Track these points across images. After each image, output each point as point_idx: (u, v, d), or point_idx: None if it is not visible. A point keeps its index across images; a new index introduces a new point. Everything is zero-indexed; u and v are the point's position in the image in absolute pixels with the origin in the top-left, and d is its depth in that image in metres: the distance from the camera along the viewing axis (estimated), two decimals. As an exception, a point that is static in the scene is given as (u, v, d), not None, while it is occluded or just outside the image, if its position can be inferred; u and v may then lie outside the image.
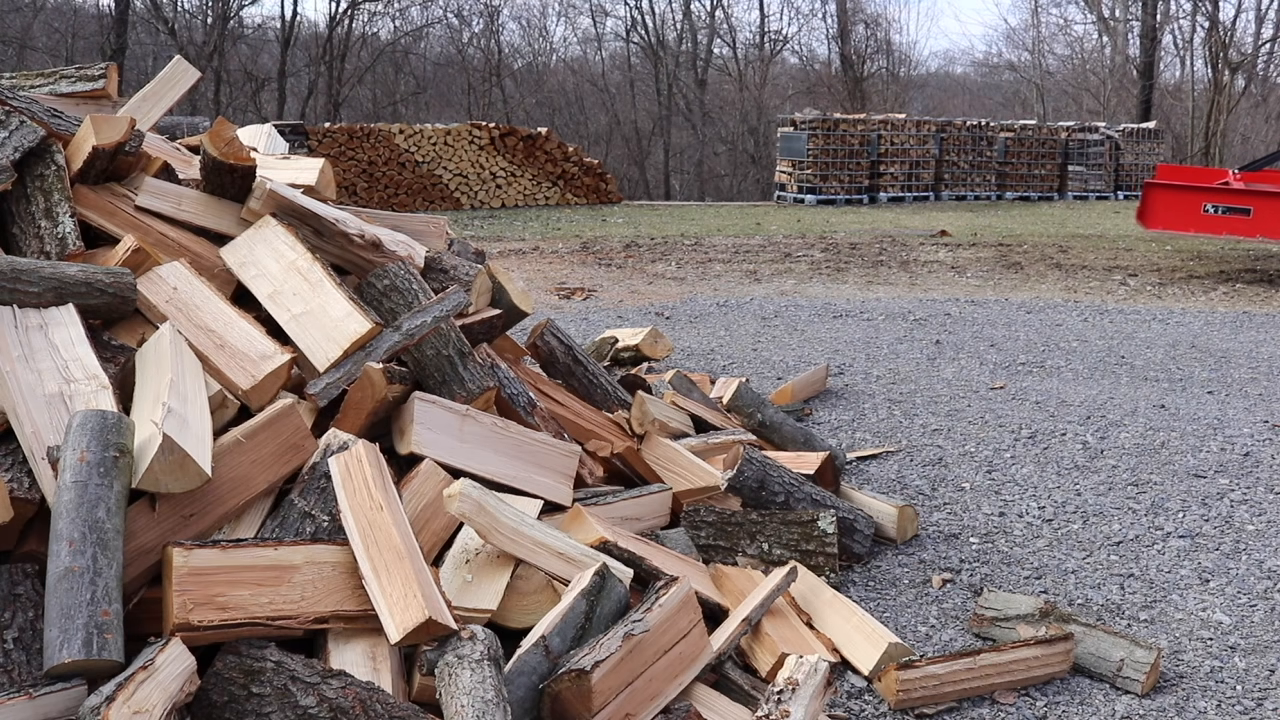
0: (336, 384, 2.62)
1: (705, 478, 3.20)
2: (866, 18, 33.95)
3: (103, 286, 2.53)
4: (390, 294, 2.96)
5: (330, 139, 16.83)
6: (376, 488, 2.20)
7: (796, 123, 19.68)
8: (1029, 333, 6.79)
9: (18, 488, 2.03)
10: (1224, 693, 2.46)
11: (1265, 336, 6.71)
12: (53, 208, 2.73)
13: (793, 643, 2.46)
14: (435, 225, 3.67)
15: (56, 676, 1.74)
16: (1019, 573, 3.13)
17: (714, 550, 2.95)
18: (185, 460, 2.04)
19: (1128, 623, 2.82)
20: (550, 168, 18.72)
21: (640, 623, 2.10)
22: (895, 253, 11.36)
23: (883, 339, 6.58)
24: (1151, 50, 30.26)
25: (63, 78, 3.47)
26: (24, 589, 1.96)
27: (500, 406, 3.02)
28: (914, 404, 4.97)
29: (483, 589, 2.28)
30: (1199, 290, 8.88)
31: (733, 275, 9.65)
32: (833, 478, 3.51)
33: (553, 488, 2.78)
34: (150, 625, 1.98)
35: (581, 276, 9.54)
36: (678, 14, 34.78)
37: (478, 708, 1.79)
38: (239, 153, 2.97)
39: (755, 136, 32.09)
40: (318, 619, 2.01)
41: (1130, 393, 5.17)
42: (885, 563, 3.18)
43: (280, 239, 2.92)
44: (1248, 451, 4.16)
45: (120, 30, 25.00)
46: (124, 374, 2.41)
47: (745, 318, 7.37)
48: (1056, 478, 3.92)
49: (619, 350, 5.05)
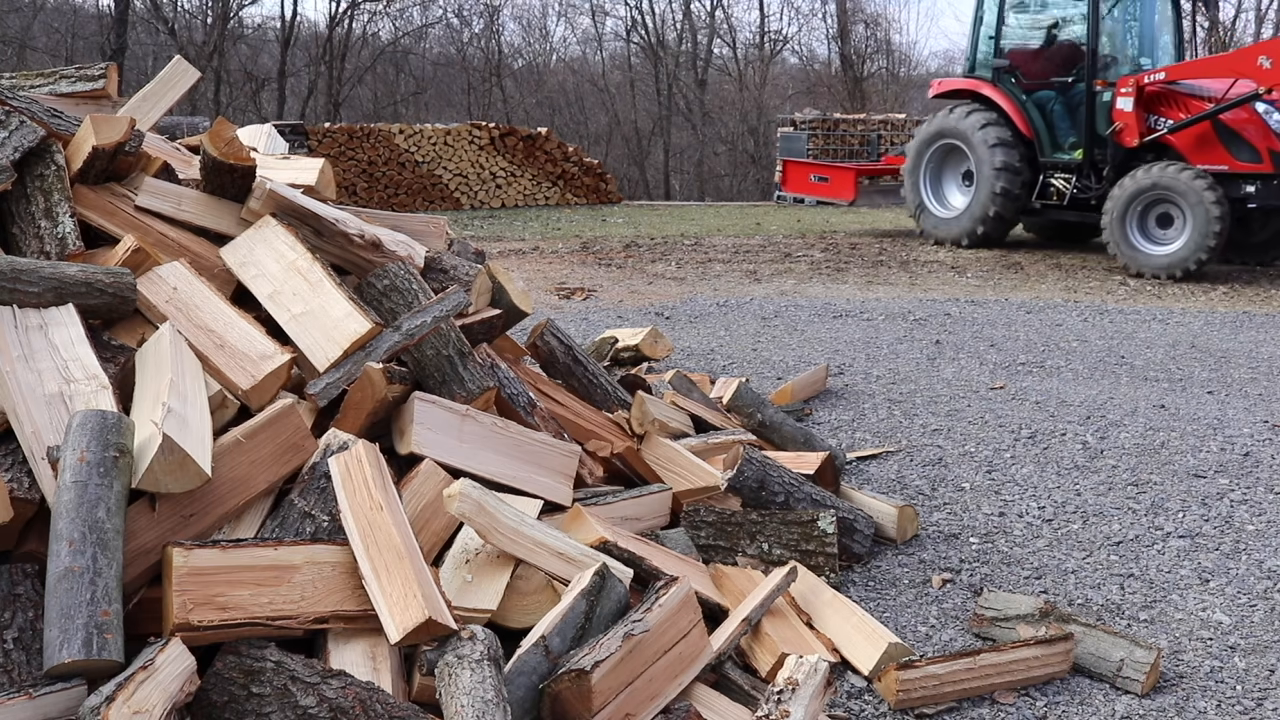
0: (336, 384, 2.62)
1: (705, 478, 3.20)
2: (866, 18, 33.93)
3: (103, 286, 2.52)
4: (390, 294, 2.96)
5: (330, 139, 16.82)
6: (376, 488, 2.20)
7: (796, 123, 19.70)
8: (1029, 333, 6.79)
9: (18, 488, 2.03)
10: (1224, 693, 2.46)
11: (1265, 336, 6.71)
12: (53, 208, 2.73)
13: (793, 643, 2.46)
14: (435, 225, 3.67)
15: (56, 676, 1.74)
16: (1019, 573, 3.13)
17: (714, 550, 2.95)
18: (185, 460, 2.04)
19: (1128, 623, 2.82)
20: (550, 168, 18.72)
21: (640, 623, 2.10)
22: (895, 253, 11.35)
23: (883, 339, 6.58)
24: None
25: (63, 78, 3.47)
26: (24, 589, 1.96)
27: (500, 406, 3.02)
28: (914, 404, 4.97)
29: (483, 589, 2.28)
30: (1199, 290, 8.88)
31: (733, 275, 9.65)
32: (833, 478, 3.51)
33: (553, 488, 2.78)
34: (150, 625, 1.98)
35: (581, 276, 9.54)
36: (678, 14, 34.77)
37: (478, 708, 1.79)
38: (239, 153, 2.97)
39: (755, 136, 32.09)
40: (318, 619, 2.01)
41: (1130, 393, 5.17)
42: (885, 563, 3.18)
43: (280, 239, 2.92)
44: (1248, 451, 4.16)
45: (120, 30, 25.00)
46: (124, 374, 2.41)
47: (745, 318, 7.37)
48: (1056, 478, 3.92)
49: (619, 350, 5.05)
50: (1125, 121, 9.94)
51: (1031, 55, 10.90)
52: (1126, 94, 9.90)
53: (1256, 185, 9.37)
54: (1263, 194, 9.41)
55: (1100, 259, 10.76)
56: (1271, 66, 8.87)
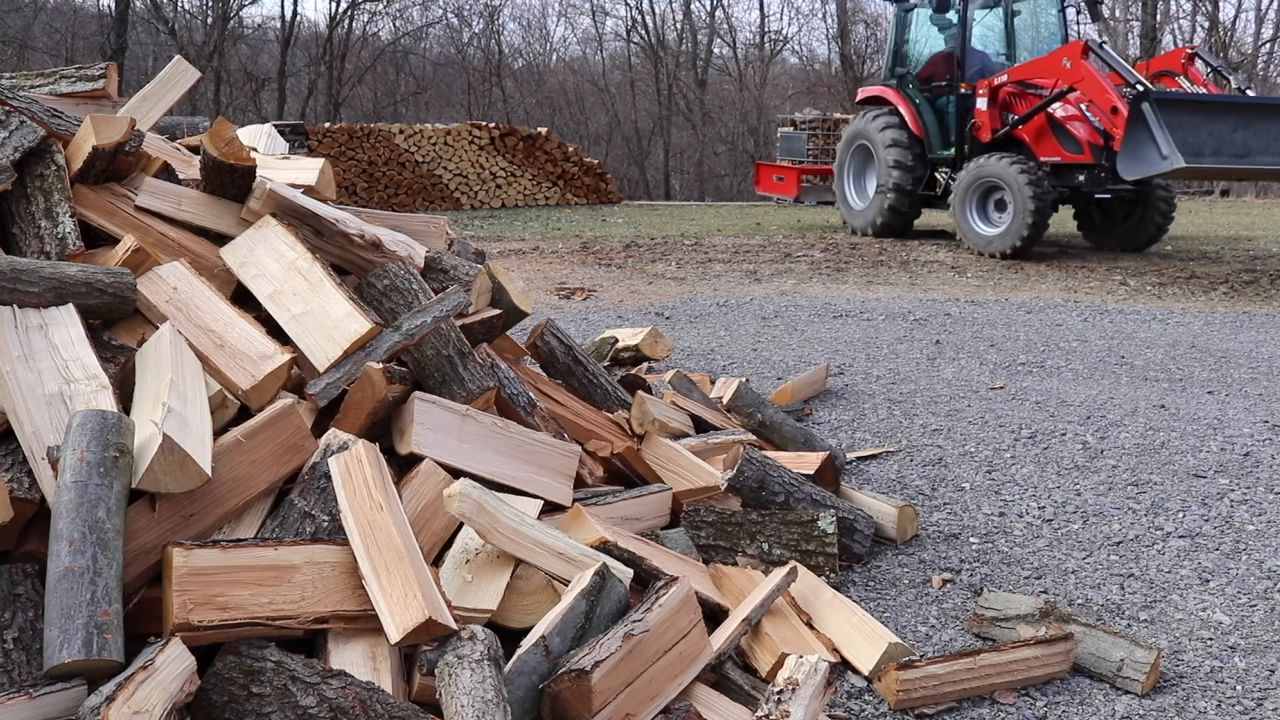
0: (336, 384, 2.62)
1: (705, 478, 3.20)
2: (866, 18, 33.95)
3: (103, 286, 2.52)
4: (390, 294, 2.96)
5: (330, 139, 16.83)
6: (376, 488, 2.20)
7: (796, 123, 19.72)
8: (1029, 333, 6.79)
9: (18, 488, 2.03)
10: (1224, 693, 2.46)
11: (1265, 336, 6.71)
12: (53, 208, 2.73)
13: (793, 643, 2.46)
14: (435, 225, 3.67)
15: (56, 676, 1.74)
16: (1019, 573, 3.13)
17: (714, 550, 2.95)
18: (185, 460, 2.04)
19: (1128, 623, 2.82)
20: (550, 168, 18.72)
21: (640, 623, 2.10)
22: (895, 253, 11.35)
23: (883, 339, 6.58)
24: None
25: (63, 78, 3.47)
26: (24, 589, 1.96)
27: (500, 406, 3.02)
28: (914, 404, 4.97)
29: (483, 589, 2.28)
30: (1199, 290, 8.88)
31: (733, 275, 9.65)
32: (833, 478, 3.51)
33: (553, 488, 2.78)
34: (150, 625, 1.98)
35: (581, 276, 9.54)
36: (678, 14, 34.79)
37: (478, 708, 1.79)
38: (239, 153, 2.97)
39: (755, 136, 32.11)
40: (318, 619, 2.01)
41: (1130, 393, 5.17)
42: (885, 563, 3.18)
43: (280, 239, 2.92)
44: (1248, 451, 4.16)
45: (120, 30, 25.00)
46: (124, 374, 2.41)
47: (745, 318, 7.37)
48: (1056, 478, 3.92)
49: (619, 350, 5.05)
50: (982, 120, 11.30)
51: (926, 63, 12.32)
52: (982, 95, 11.22)
53: (1084, 175, 10.57)
54: (1090, 182, 10.60)
55: (1101, 258, 10.77)
56: (1071, 67, 10.07)
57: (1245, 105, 9.55)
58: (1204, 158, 9.19)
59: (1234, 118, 9.35)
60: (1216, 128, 9.29)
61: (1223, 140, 9.33)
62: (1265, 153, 9.48)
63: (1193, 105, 9.40)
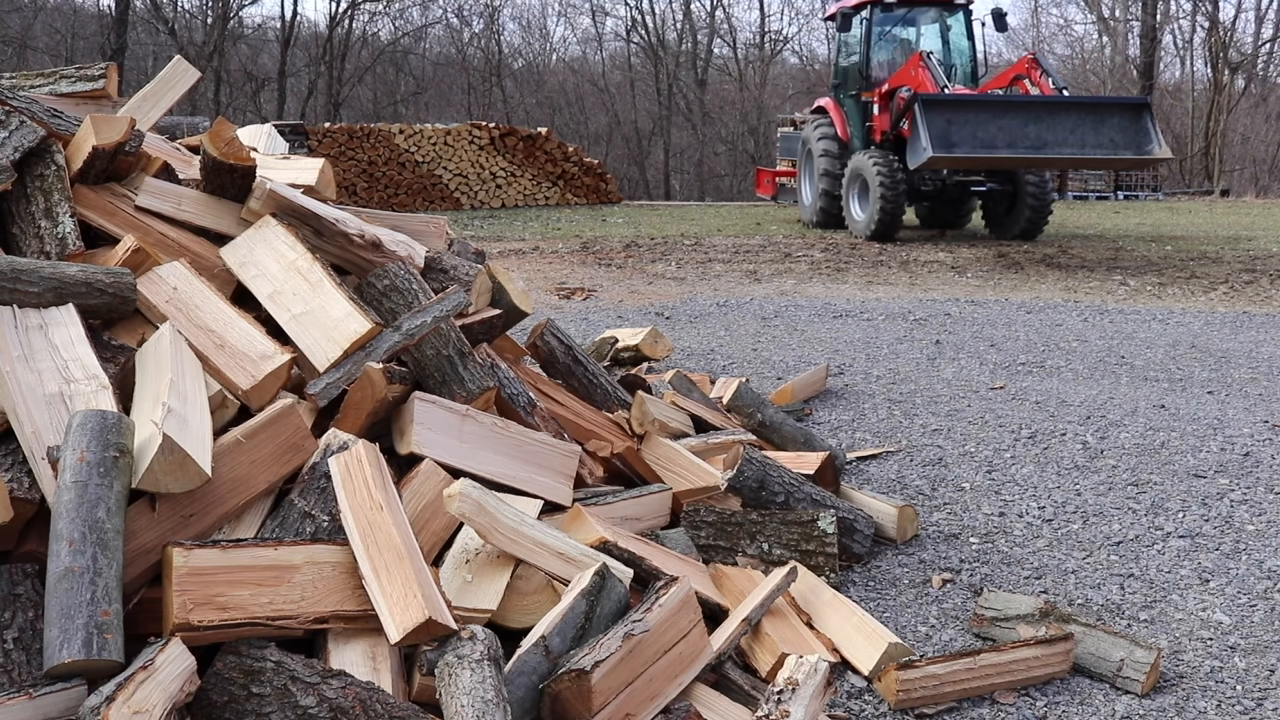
0: (336, 384, 2.62)
1: (705, 478, 3.20)
2: (866, 18, 33.91)
3: (103, 286, 2.52)
4: (390, 294, 2.96)
5: (330, 139, 16.83)
6: (376, 488, 2.20)
7: (796, 123, 19.72)
8: (1029, 333, 6.79)
9: (18, 488, 2.03)
10: (1224, 693, 2.46)
11: (1265, 336, 6.71)
12: (53, 208, 2.73)
13: (793, 643, 2.46)
14: (435, 225, 3.67)
15: (56, 676, 1.74)
16: (1019, 573, 3.13)
17: (714, 550, 2.95)
18: (185, 460, 2.04)
19: (1128, 623, 2.82)
20: (550, 168, 18.72)
21: (640, 623, 2.10)
22: (895, 253, 11.36)
23: (883, 339, 6.58)
24: (1151, 50, 30.26)
25: (63, 78, 3.47)
26: (24, 589, 1.96)
27: (500, 406, 3.02)
28: (914, 404, 4.97)
29: (483, 589, 2.28)
30: (1199, 290, 8.88)
31: (733, 275, 9.65)
32: (833, 478, 3.51)
33: (553, 488, 2.78)
34: (150, 625, 1.98)
35: (581, 276, 9.54)
36: (678, 14, 34.80)
37: (478, 708, 1.79)
38: (239, 153, 2.97)
39: (755, 136, 32.11)
40: (318, 619, 2.01)
41: (1130, 393, 5.17)
42: (885, 563, 3.18)
43: (280, 239, 2.92)
44: (1248, 451, 4.16)
45: (120, 30, 25.01)
46: (124, 374, 2.41)
47: (745, 318, 7.37)
48: (1056, 478, 3.92)
49: (619, 350, 5.05)
50: (876, 123, 12.98)
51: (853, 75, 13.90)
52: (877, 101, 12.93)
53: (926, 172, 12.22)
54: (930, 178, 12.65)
55: (1101, 259, 10.76)
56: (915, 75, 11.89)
57: (1024, 103, 10.85)
58: (957, 149, 10.55)
59: (1023, 114, 10.68)
60: (1007, 123, 10.64)
61: (1016, 134, 10.63)
62: (1062, 144, 10.66)
63: (954, 104, 10.74)
